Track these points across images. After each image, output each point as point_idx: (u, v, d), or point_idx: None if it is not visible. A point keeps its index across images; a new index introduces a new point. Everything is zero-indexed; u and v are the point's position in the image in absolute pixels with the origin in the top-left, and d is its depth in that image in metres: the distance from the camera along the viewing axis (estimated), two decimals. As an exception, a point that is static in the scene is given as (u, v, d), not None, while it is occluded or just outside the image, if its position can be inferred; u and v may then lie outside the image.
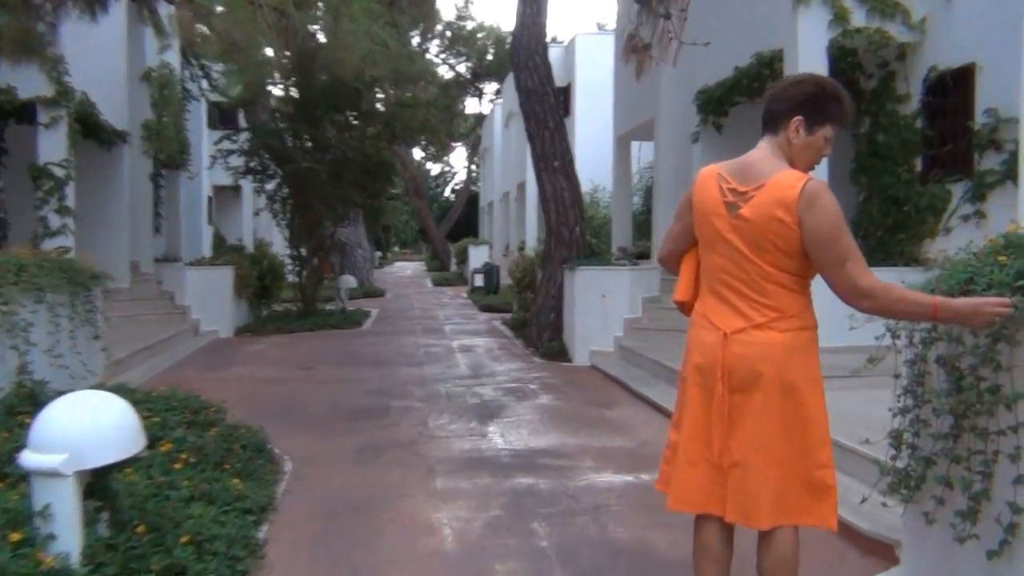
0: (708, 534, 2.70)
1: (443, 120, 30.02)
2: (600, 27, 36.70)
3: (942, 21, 8.13)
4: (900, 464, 3.16)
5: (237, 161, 15.48)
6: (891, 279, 2.67)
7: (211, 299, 13.37)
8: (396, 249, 75.36)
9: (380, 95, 17.49)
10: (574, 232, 11.27)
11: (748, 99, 10.61)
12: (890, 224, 8.85)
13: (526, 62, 11.33)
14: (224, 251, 19.44)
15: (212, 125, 23.25)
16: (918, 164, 8.72)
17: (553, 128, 11.30)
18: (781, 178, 2.50)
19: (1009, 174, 7.05)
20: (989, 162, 7.40)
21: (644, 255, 15.49)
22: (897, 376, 3.27)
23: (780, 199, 2.47)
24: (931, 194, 8.34)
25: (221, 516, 3.88)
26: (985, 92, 7.47)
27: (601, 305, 9.86)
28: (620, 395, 7.96)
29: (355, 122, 16.25)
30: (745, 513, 2.55)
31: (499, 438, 6.21)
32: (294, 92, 16.39)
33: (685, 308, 2.88)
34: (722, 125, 11.22)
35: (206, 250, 21.51)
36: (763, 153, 2.62)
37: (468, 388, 8.41)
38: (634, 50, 8.30)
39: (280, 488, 4.92)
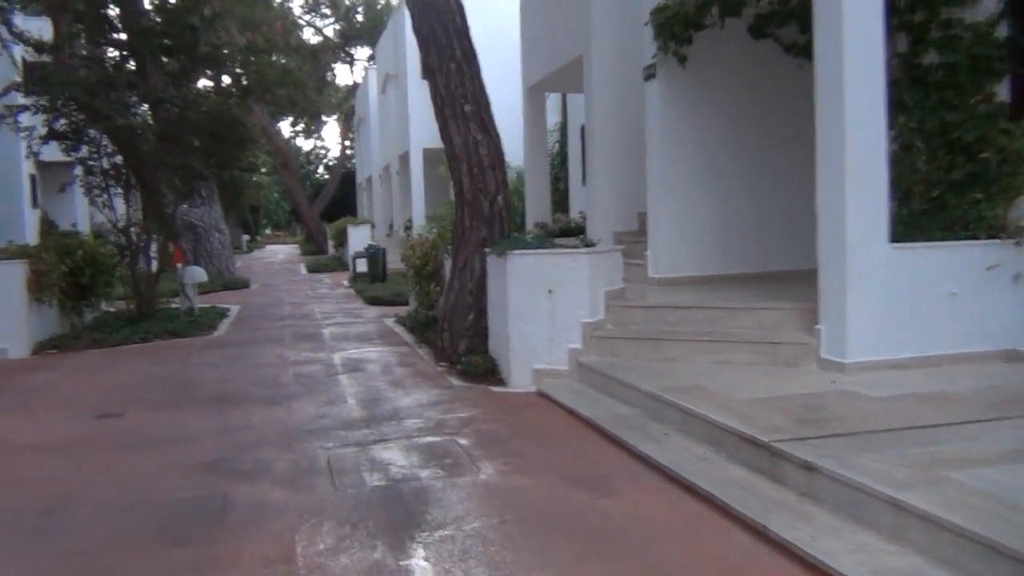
0: None
1: (310, 74, 26.30)
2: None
3: None
4: None
5: (31, 120, 11.67)
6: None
7: (-7, 307, 9.67)
8: (267, 231, 70.25)
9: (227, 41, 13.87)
10: (496, 202, 8.26)
11: (721, 20, 7.92)
12: (957, 180, 6.28)
13: (422, -35, 8.20)
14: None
15: (26, 90, 18.94)
16: (1002, 92, 6.22)
17: (461, 59, 8.21)
18: None
19: None
20: None
21: (568, 232, 12.67)
22: None
23: None
24: (1024, 134, 5.88)
25: None
26: None
27: (547, 304, 6.92)
28: (610, 456, 5.03)
29: (191, 70, 12.57)
30: None
31: (436, 599, 3.19)
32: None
33: None
34: (686, 57, 8.44)
35: (29, 240, 17.37)
36: None
37: (362, 449, 5.31)
38: None
39: None
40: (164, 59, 12.69)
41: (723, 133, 8.71)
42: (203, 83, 14.90)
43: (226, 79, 13.94)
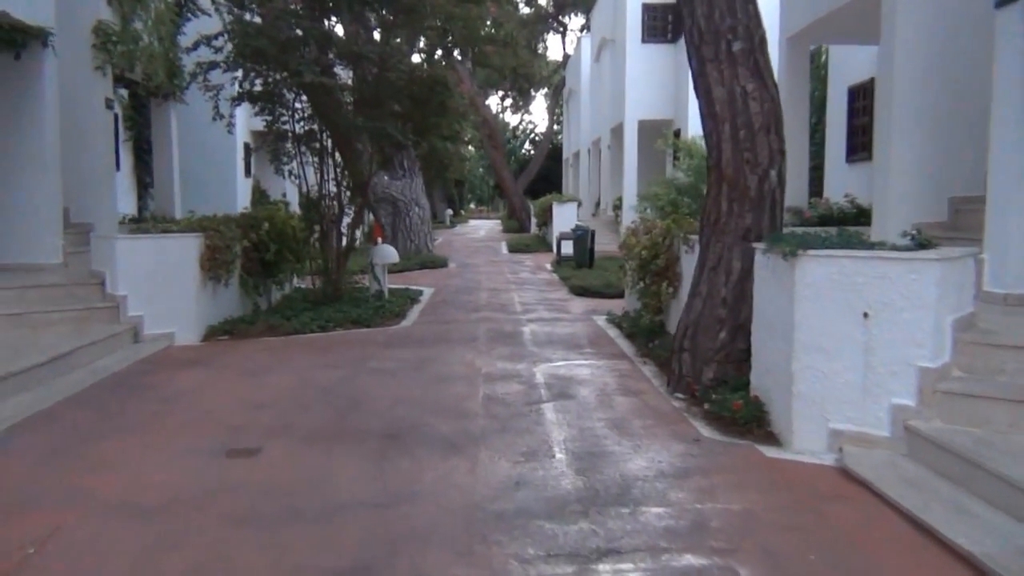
0: None
1: (521, 36, 24.60)
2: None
3: None
4: None
5: (221, 78, 10.57)
6: None
7: (163, 285, 8.57)
8: (471, 206, 70.58)
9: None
10: (767, 179, 5.93)
11: None
12: None
13: None
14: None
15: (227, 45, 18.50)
16: None
17: (731, -23, 5.93)
18: None
19: None
20: None
21: (828, 220, 10.00)
22: None
23: None
24: None
25: None
26: None
27: (860, 335, 4.56)
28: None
29: (392, 24, 11.04)
30: None
31: None
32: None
33: None
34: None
35: (240, 209, 16.90)
36: None
37: (581, 572, 3.28)
38: None
39: None
40: (365, 11, 11.32)
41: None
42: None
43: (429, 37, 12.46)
